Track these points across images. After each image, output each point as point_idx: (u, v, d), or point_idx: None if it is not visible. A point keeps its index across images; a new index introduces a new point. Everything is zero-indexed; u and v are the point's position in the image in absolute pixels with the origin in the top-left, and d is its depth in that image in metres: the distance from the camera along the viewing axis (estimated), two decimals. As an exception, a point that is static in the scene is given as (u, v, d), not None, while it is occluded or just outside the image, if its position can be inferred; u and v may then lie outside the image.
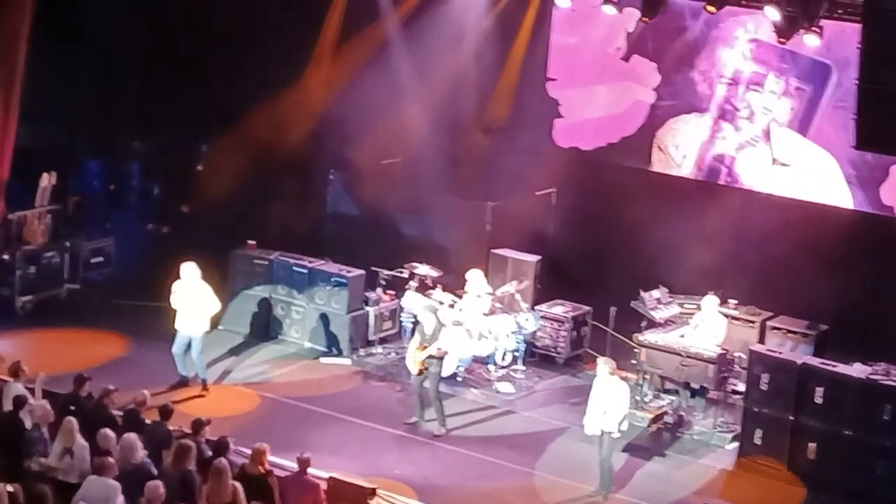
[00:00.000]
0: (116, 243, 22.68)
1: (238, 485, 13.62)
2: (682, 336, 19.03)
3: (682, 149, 22.52)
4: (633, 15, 21.60)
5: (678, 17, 21.93)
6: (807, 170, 21.40)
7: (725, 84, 21.92)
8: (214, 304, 18.85)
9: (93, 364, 18.37)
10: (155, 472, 13.85)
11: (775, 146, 21.63)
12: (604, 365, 16.62)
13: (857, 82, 15.79)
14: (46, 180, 21.88)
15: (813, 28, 18.20)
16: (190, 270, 18.64)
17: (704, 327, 19.00)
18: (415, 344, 18.26)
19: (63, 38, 21.92)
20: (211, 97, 22.59)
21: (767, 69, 21.49)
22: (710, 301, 19.16)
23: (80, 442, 14.17)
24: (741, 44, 21.62)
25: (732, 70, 21.80)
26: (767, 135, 21.67)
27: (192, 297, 18.60)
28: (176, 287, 18.67)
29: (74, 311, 21.20)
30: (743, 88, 21.77)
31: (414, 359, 18.17)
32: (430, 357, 18.02)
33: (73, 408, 15.06)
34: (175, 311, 18.66)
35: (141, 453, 13.96)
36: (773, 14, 18.25)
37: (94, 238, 22.50)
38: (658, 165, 22.74)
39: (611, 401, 16.40)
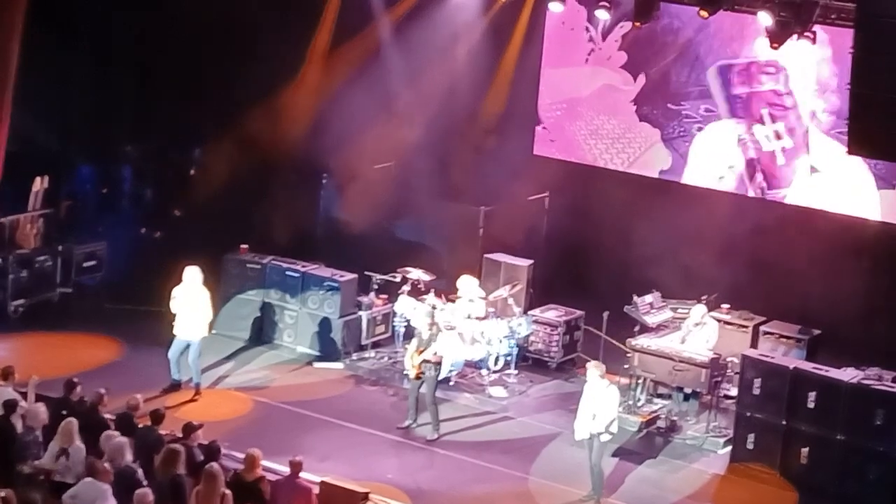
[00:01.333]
0: (109, 247, 22.63)
1: (228, 492, 13.58)
2: (673, 341, 19.04)
3: (715, 158, 22.42)
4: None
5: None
6: (840, 177, 21.28)
7: (763, 89, 21.86)
8: (208, 312, 18.84)
9: (85, 368, 18.37)
10: (141, 476, 13.81)
11: (813, 153, 21.53)
12: (594, 368, 16.63)
13: (848, 87, 15.80)
14: (39, 184, 21.86)
15: (806, 33, 18.21)
16: (192, 275, 18.63)
17: (695, 332, 19.02)
18: (412, 348, 18.28)
19: (56, 42, 21.88)
20: (204, 101, 22.57)
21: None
22: (699, 310, 19.19)
23: (78, 444, 14.14)
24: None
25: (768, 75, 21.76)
26: (806, 141, 21.58)
27: (192, 301, 18.58)
28: (177, 291, 18.65)
29: (67, 315, 21.17)
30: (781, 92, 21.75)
31: (411, 363, 18.19)
32: (427, 362, 18.03)
33: (64, 412, 15.03)
34: (174, 314, 18.64)
35: (129, 458, 13.93)
36: (765, 19, 18.26)
37: (86, 242, 22.45)
38: (690, 176, 22.69)
39: (600, 404, 16.40)
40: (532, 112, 23.65)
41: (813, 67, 21.01)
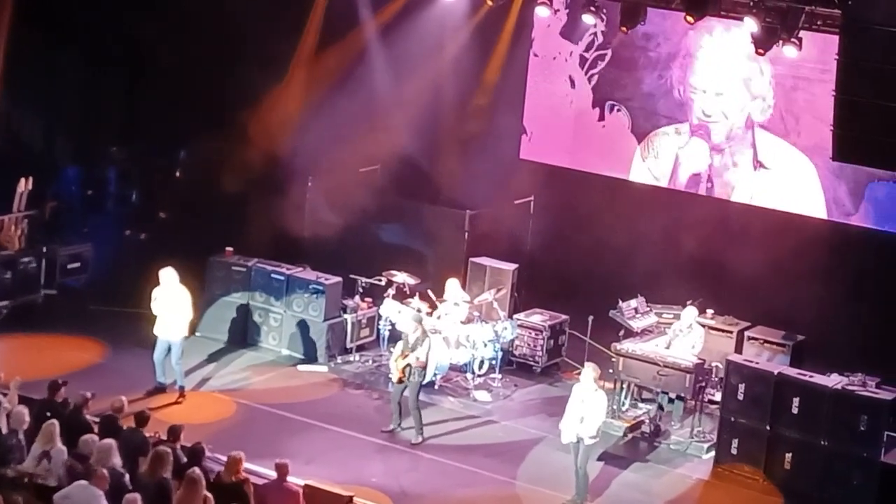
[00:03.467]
0: (93, 249, 22.58)
1: (210, 496, 13.54)
2: (658, 345, 19.06)
3: (662, 160, 22.56)
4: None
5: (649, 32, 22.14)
6: (787, 174, 21.48)
7: (700, 92, 22.09)
8: (189, 312, 18.81)
9: (69, 370, 18.29)
10: (126, 480, 13.77)
11: (759, 149, 21.71)
12: (590, 371, 16.60)
13: (834, 94, 15.85)
14: (23, 185, 21.78)
15: (792, 39, 18.25)
16: (168, 276, 18.61)
17: (682, 337, 19.04)
18: (398, 352, 18.26)
19: (43, 42, 21.84)
20: (190, 103, 22.55)
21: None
22: (690, 312, 19.20)
23: (59, 446, 14.08)
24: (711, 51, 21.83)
25: (705, 76, 22.01)
26: (752, 138, 21.74)
27: (171, 302, 18.56)
28: (156, 293, 18.63)
29: (51, 317, 21.10)
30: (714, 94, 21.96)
31: (396, 366, 18.18)
32: (410, 366, 18.01)
33: (48, 414, 14.99)
34: (155, 316, 18.62)
35: (116, 461, 13.88)
36: (751, 25, 18.29)
37: (71, 244, 22.40)
38: (637, 177, 22.81)
39: (588, 408, 16.40)
40: (518, 116, 23.66)
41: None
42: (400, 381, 18.14)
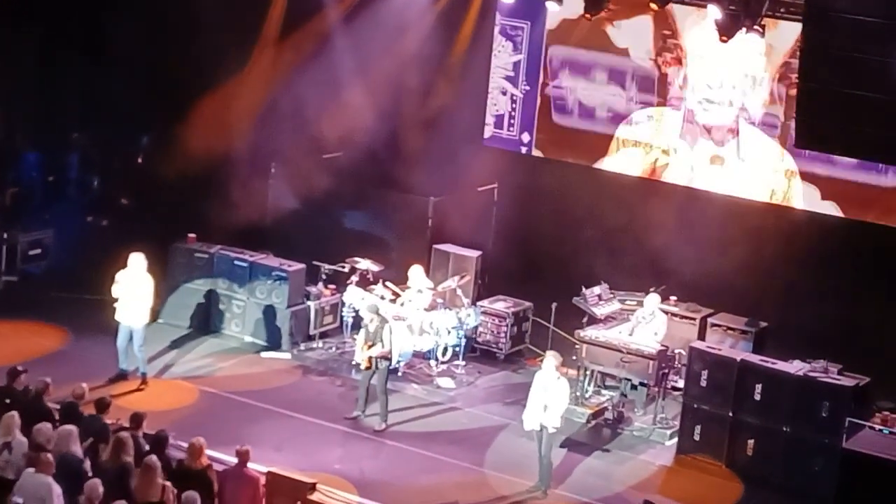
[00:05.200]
0: (55, 235, 22.48)
1: (169, 484, 13.48)
2: (622, 332, 19.09)
3: (640, 145, 22.39)
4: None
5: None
6: (765, 168, 21.38)
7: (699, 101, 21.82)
8: (150, 300, 18.68)
9: (30, 357, 18.19)
10: (86, 465, 13.69)
11: (742, 144, 21.53)
12: (551, 359, 16.62)
13: (796, 81, 15.88)
14: (-17, 171, 21.69)
15: (755, 27, 18.29)
16: (137, 261, 18.48)
17: (645, 324, 19.07)
18: (361, 341, 18.21)
19: (3, 26, 21.67)
20: (152, 89, 22.44)
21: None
22: (653, 299, 19.24)
23: (19, 438, 13.97)
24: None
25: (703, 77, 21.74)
26: (736, 132, 21.57)
27: (134, 287, 18.45)
28: (120, 276, 18.50)
29: (11, 304, 20.95)
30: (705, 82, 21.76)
31: (362, 355, 18.14)
32: (375, 357, 17.99)
33: (8, 401, 14.89)
34: (115, 301, 18.50)
35: (75, 447, 13.78)
36: (715, 12, 18.33)
37: (31, 230, 22.28)
38: (614, 163, 22.63)
39: (552, 396, 16.42)
40: (482, 102, 23.62)
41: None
42: (368, 368, 18.11)
